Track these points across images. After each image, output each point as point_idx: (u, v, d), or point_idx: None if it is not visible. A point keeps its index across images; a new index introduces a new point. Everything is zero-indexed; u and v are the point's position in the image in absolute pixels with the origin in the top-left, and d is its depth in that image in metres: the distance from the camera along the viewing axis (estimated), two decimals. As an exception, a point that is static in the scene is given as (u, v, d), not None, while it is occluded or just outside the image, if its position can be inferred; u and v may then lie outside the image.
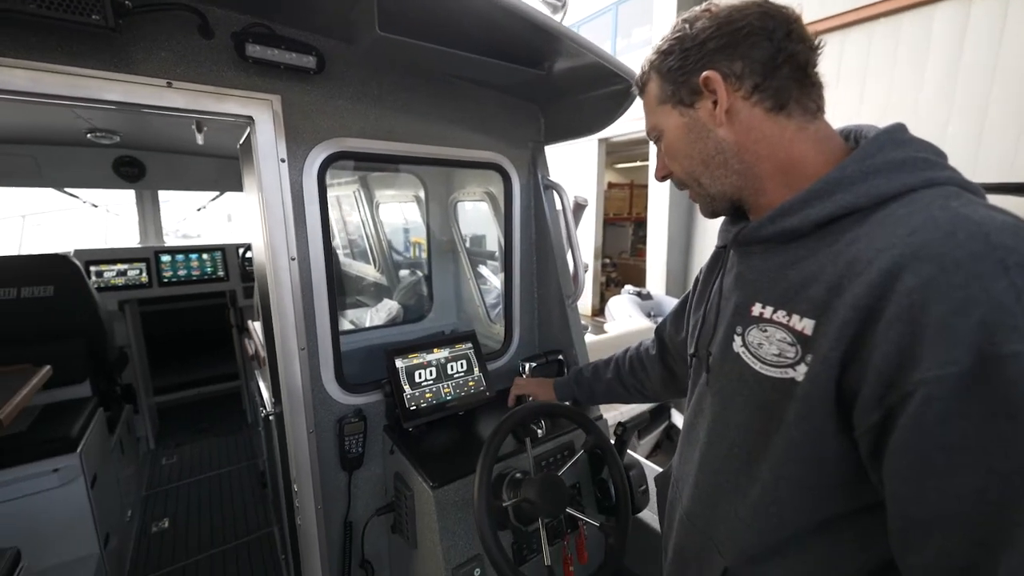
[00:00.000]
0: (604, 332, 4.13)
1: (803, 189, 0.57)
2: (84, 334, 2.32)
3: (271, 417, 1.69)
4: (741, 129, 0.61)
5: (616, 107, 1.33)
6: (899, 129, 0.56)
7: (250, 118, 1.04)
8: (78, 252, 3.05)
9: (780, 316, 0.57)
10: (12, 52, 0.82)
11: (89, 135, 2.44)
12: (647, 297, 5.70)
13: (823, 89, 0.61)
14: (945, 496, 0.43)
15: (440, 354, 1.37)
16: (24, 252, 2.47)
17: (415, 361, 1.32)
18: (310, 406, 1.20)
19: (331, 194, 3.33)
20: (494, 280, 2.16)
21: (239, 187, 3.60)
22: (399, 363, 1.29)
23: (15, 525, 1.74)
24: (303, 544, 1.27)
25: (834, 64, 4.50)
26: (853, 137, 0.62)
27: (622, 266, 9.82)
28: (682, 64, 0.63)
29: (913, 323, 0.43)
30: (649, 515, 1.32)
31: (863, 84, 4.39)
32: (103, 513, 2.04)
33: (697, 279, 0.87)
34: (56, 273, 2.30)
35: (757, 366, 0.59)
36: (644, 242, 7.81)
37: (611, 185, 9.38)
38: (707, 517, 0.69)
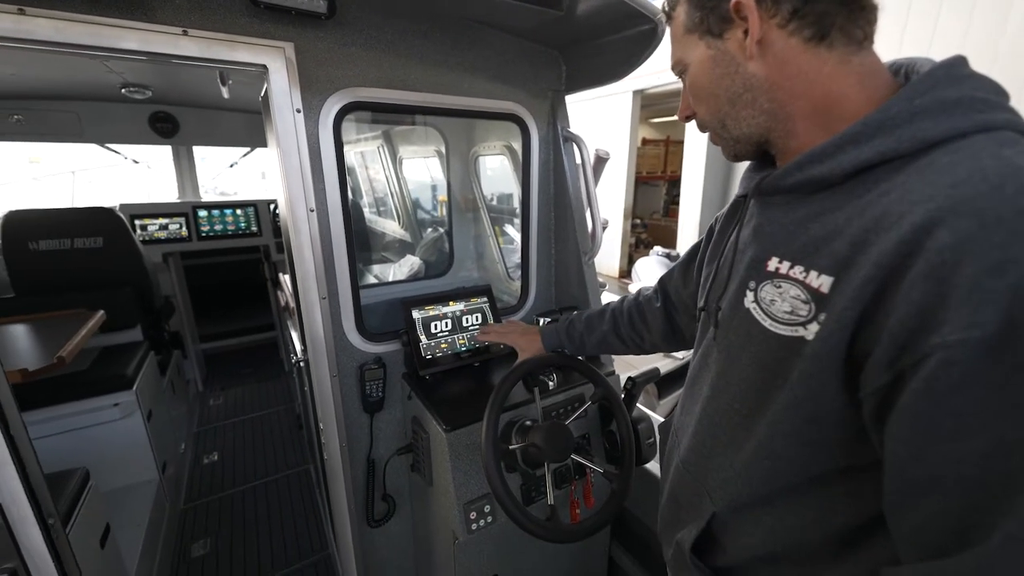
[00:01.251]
0: (627, 293, 4.09)
1: (839, 132, 0.51)
2: (131, 283, 2.49)
3: (301, 364, 1.80)
4: (774, 63, 0.54)
5: (641, 51, 1.25)
6: (957, 63, 0.49)
7: (264, 67, 1.04)
8: (123, 206, 3.21)
9: (797, 272, 0.53)
10: (36, 2, 0.84)
11: (123, 90, 2.51)
12: (676, 259, 5.56)
13: (876, 12, 0.52)
14: (947, 460, 0.41)
15: (456, 307, 1.40)
16: (76, 206, 2.62)
17: (431, 313, 1.36)
18: (332, 352, 1.27)
19: (356, 150, 3.37)
20: (519, 239, 2.15)
21: (266, 143, 3.67)
22: (416, 314, 1.34)
23: (84, 451, 1.95)
24: (330, 477, 1.38)
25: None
26: (904, 72, 0.55)
27: (653, 227, 9.55)
28: None
29: (941, 283, 0.40)
30: (655, 466, 1.36)
31: (936, 17, 3.90)
32: (159, 444, 2.26)
33: (711, 229, 0.82)
34: (104, 225, 2.44)
35: (767, 323, 0.56)
36: (677, 202, 7.52)
37: (645, 141, 8.97)
38: (701, 466, 0.70)
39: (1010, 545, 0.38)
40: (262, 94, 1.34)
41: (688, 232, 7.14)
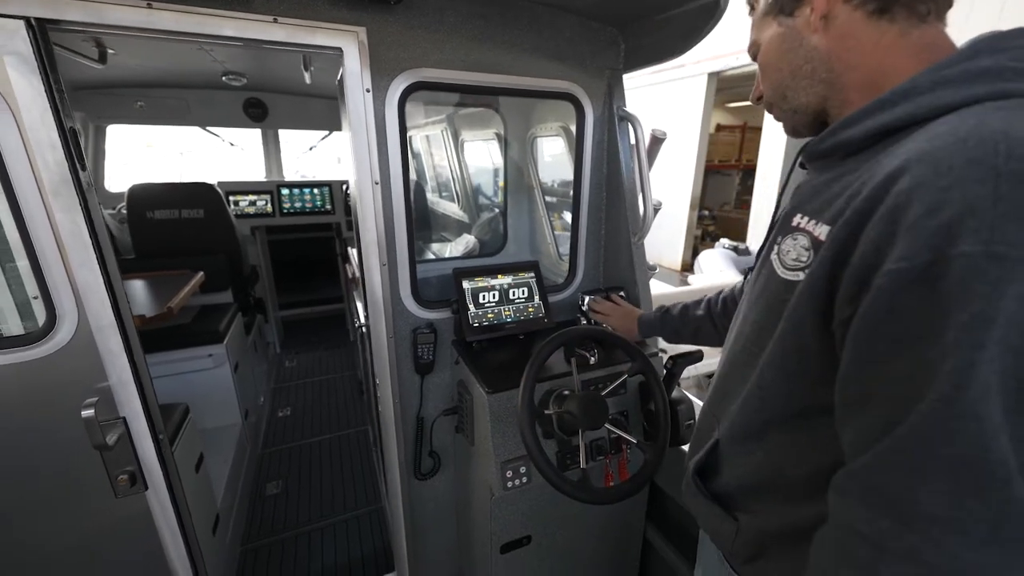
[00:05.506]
0: (687, 285, 3.96)
1: None
2: (225, 251, 2.81)
3: (364, 329, 1.96)
4: (836, 35, 0.58)
5: (703, 24, 1.22)
6: (1014, 35, 0.50)
7: (339, 50, 1.15)
8: (220, 183, 3.61)
9: (810, 225, 0.58)
10: None
11: (223, 77, 2.81)
12: (744, 252, 5.24)
13: None
14: (876, 379, 0.46)
15: (504, 280, 1.46)
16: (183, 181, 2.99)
17: (480, 284, 1.43)
18: (390, 315, 1.38)
19: (422, 133, 3.52)
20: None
21: (342, 127, 3.95)
22: (466, 285, 1.42)
23: (183, 392, 2.27)
24: (383, 429, 1.51)
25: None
26: (958, 51, 0.55)
27: (722, 219, 9.04)
28: None
29: (893, 223, 0.44)
30: None
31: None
32: (243, 394, 2.56)
33: None
34: (205, 199, 2.78)
35: (779, 270, 0.62)
36: (751, 193, 7.06)
37: (719, 127, 8.47)
38: (718, 403, 0.76)
39: (893, 447, 0.44)
40: (338, 78, 1.46)
41: (760, 226, 6.69)
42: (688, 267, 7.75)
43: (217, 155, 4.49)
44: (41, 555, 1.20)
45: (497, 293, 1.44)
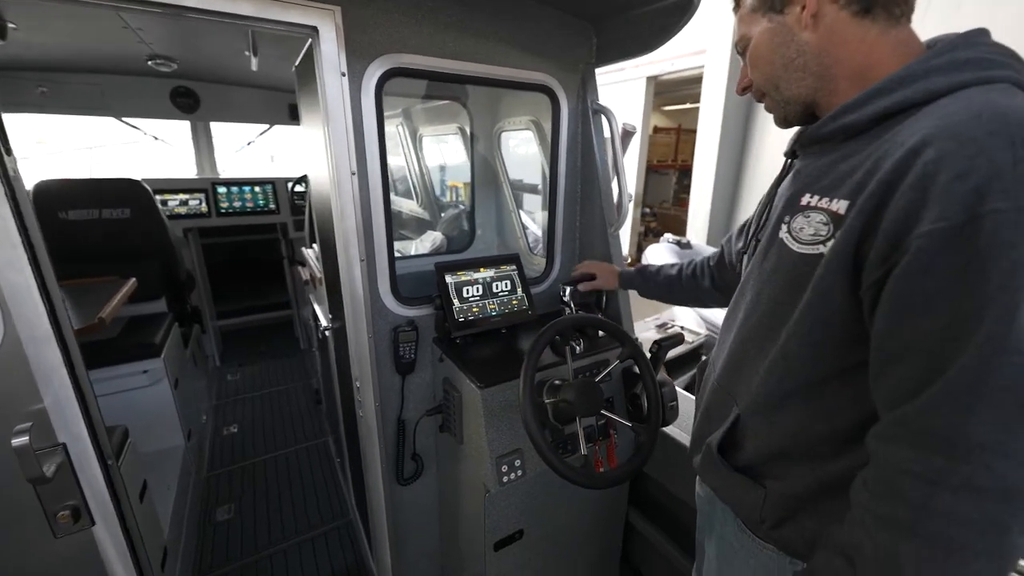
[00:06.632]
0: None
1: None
2: (158, 255, 2.54)
3: (327, 332, 1.84)
4: (824, 32, 0.64)
5: (675, 22, 1.26)
6: (976, 33, 0.58)
7: (314, 28, 1.07)
8: (145, 181, 3.25)
9: (824, 203, 0.62)
10: None
11: (150, 62, 2.53)
12: (686, 246, 5.53)
13: None
14: (916, 332, 0.50)
15: (486, 273, 1.44)
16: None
17: (463, 278, 1.39)
18: (369, 313, 1.31)
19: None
20: (534, 227, 2.17)
21: (285, 120, 3.69)
22: (449, 279, 1.37)
23: (117, 413, 2.02)
24: (363, 434, 1.43)
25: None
26: (939, 46, 0.62)
27: (662, 216, 9.53)
28: None
29: (923, 190, 0.49)
30: (673, 430, 1.40)
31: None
32: (185, 412, 2.32)
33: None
34: (131, 197, 2.49)
35: (794, 246, 0.65)
36: (688, 191, 7.48)
37: (656, 129, 8.90)
38: (732, 379, 0.79)
39: (943, 390, 0.48)
40: (299, 61, 1.36)
41: (699, 221, 7.10)
42: (635, 261, 8.08)
43: (136, 151, 4.04)
44: None
45: (480, 287, 1.41)
